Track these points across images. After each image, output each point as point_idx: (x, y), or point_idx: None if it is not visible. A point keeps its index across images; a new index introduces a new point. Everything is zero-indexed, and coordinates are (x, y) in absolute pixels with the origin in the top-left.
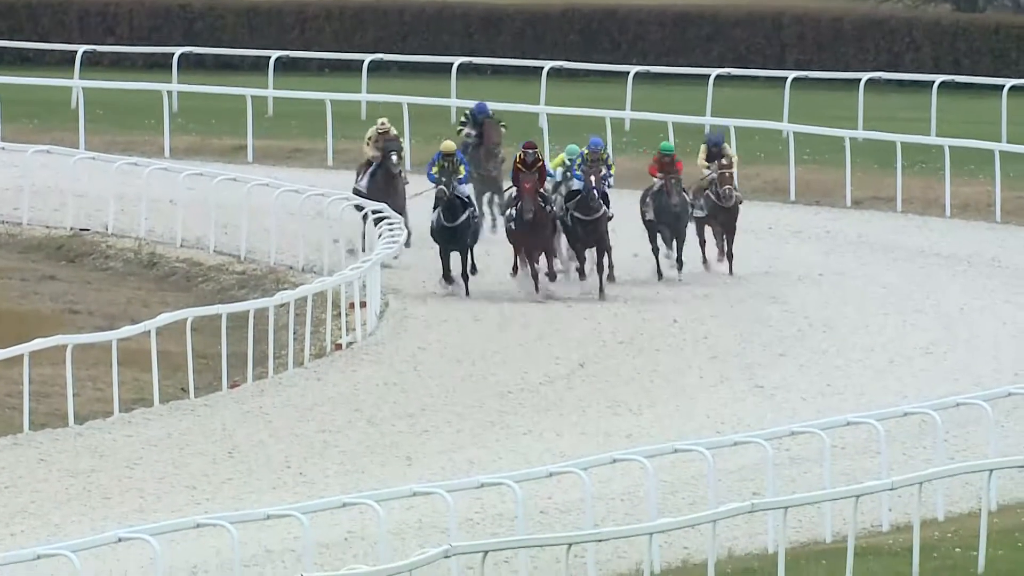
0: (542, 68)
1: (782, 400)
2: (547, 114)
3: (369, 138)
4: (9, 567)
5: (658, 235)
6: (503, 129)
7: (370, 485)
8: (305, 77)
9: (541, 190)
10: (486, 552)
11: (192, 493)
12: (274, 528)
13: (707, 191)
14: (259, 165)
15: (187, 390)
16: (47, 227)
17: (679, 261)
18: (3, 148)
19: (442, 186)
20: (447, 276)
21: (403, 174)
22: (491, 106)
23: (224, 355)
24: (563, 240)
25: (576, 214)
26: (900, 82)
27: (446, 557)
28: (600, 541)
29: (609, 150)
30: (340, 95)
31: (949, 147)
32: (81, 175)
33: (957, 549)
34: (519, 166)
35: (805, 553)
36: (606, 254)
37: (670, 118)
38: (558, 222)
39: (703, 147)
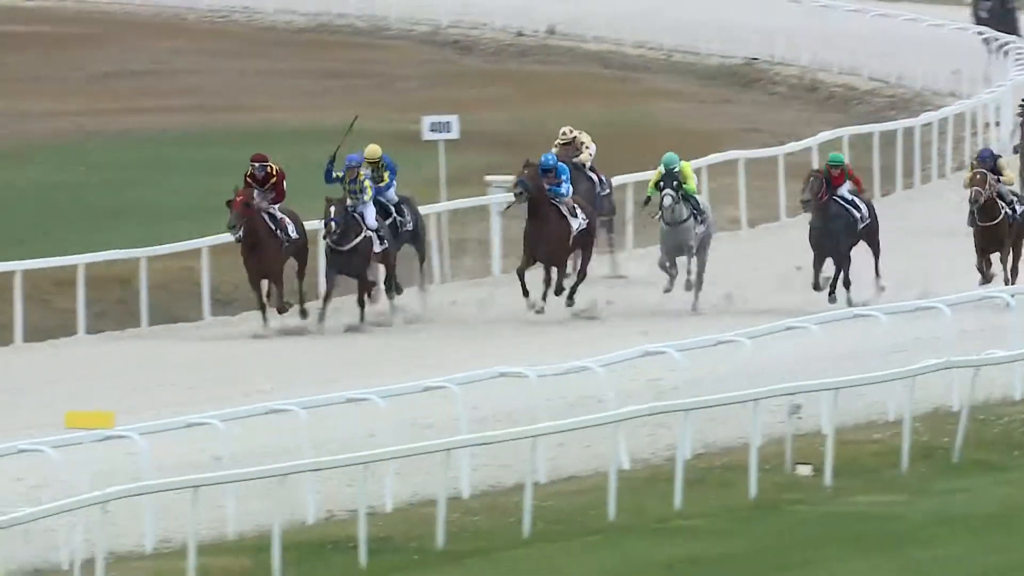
0: None
1: None
2: None
3: (555, 145)
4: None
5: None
6: None
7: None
8: None
9: (271, 209)
10: None
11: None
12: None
13: (971, 208)
14: (908, 2)
15: None
16: (722, 56)
17: (837, 284)
18: None
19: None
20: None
21: (603, 182)
22: None
23: (876, 168)
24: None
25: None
26: None
27: None
28: None
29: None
30: None
31: None
32: (753, 10)
33: None
34: (248, 181)
35: None
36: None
37: None
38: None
39: (973, 163)
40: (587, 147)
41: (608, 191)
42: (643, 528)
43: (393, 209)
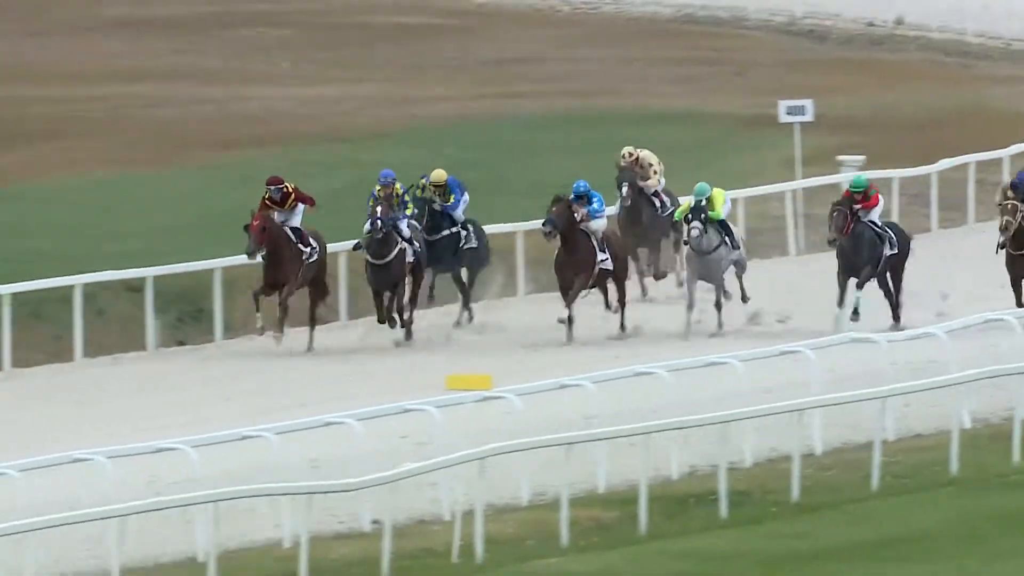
0: None
1: None
2: None
3: (618, 164)
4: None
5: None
6: None
7: None
8: None
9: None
10: None
11: None
12: None
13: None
14: None
15: None
16: None
17: (858, 302)
18: None
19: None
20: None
21: (665, 205)
22: None
23: None
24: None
25: None
26: None
27: None
28: None
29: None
30: None
31: None
32: None
33: None
34: (267, 203)
35: None
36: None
37: None
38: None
39: (1000, 190)
40: (655, 170)
41: (670, 211)
42: (983, 482)
43: (459, 225)
